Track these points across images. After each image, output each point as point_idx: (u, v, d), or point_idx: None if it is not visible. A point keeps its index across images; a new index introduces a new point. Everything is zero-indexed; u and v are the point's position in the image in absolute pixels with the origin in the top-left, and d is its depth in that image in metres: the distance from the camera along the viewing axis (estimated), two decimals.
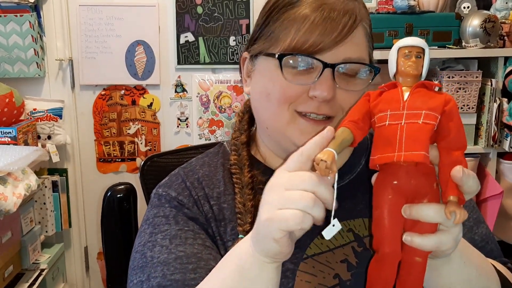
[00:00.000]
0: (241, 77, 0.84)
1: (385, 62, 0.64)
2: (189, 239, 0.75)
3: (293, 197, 0.57)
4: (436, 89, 0.61)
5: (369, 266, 0.65)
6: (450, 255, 0.62)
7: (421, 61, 0.60)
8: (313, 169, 0.59)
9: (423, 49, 0.60)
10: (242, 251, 0.64)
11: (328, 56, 0.71)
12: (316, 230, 0.76)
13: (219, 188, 0.81)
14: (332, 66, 0.71)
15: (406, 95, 0.60)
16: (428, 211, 0.57)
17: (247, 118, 0.87)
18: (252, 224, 0.70)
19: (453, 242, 0.59)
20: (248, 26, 2.48)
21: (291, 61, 0.72)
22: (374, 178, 0.61)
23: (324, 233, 0.61)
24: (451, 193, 0.57)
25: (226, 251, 0.71)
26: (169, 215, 0.78)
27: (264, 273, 0.62)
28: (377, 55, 1.89)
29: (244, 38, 2.48)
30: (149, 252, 0.75)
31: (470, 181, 0.55)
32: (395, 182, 0.59)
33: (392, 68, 0.61)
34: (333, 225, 0.61)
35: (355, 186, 0.81)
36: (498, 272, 0.74)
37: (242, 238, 0.69)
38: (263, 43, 0.76)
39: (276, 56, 0.73)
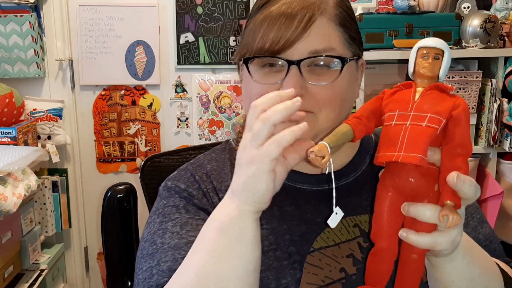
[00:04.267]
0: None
1: (384, 62, 0.64)
2: (200, 226, 0.75)
3: (256, 128, 0.59)
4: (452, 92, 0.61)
5: (368, 258, 0.67)
6: (452, 254, 0.63)
7: (439, 63, 0.59)
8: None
9: (443, 51, 0.59)
10: (220, 213, 0.65)
11: (293, 51, 0.71)
12: (321, 225, 0.78)
13: (227, 181, 0.82)
14: (297, 63, 0.71)
15: (417, 96, 0.60)
16: (424, 211, 0.58)
17: None
18: None
19: (449, 243, 0.60)
20: None
21: (256, 64, 0.74)
22: (380, 173, 0.63)
23: (329, 222, 0.65)
24: (446, 198, 0.57)
25: None
26: (179, 205, 0.80)
27: (245, 225, 0.62)
28: (377, 55, 1.89)
29: None
30: (159, 239, 0.75)
31: (466, 188, 0.56)
32: (396, 180, 0.61)
33: (410, 67, 0.61)
34: (336, 213, 0.63)
35: (360, 183, 0.83)
36: (502, 271, 0.75)
37: None
38: (241, 50, 0.79)
39: (242, 61, 0.75)
